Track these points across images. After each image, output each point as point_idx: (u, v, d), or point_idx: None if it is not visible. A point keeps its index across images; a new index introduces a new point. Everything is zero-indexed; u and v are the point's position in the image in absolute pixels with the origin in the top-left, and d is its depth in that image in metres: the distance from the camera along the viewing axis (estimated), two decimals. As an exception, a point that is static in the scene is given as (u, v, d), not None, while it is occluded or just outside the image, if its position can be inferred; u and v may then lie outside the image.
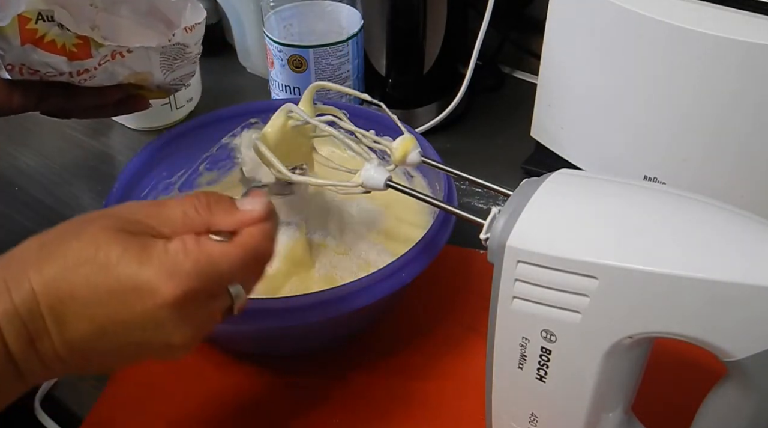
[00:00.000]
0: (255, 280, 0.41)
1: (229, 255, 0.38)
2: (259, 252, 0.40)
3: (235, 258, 0.38)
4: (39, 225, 0.70)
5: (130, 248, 0.36)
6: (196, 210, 0.39)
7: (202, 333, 0.39)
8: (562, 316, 0.38)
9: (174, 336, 0.37)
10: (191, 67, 0.61)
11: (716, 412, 0.39)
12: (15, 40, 0.50)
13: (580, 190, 0.40)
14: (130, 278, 0.36)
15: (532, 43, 0.88)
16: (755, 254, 0.35)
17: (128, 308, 0.36)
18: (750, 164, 0.56)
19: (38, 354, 0.35)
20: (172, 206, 0.39)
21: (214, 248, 0.38)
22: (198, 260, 0.37)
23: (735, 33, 0.52)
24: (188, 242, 0.37)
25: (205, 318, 0.39)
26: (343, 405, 0.53)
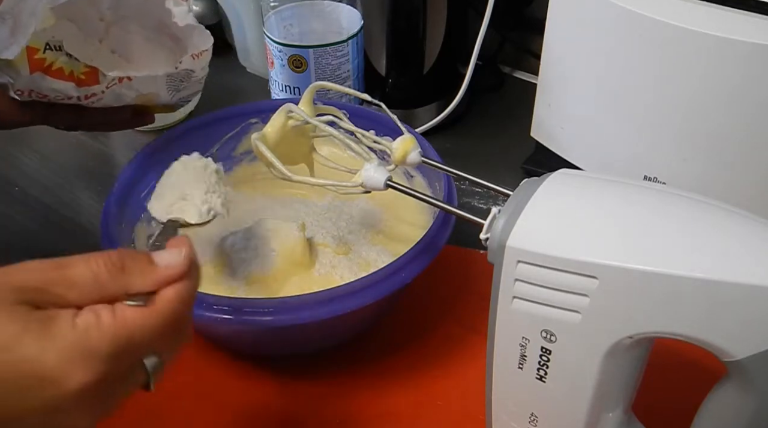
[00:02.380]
0: (174, 348, 0.37)
1: (146, 324, 0.34)
2: (179, 318, 0.36)
3: (153, 327, 0.34)
4: (39, 225, 0.71)
5: (29, 326, 0.31)
6: (109, 273, 0.34)
7: (112, 411, 0.35)
8: (562, 316, 0.38)
9: (80, 423, 0.33)
10: (197, 86, 0.61)
11: (716, 412, 0.39)
12: (24, 69, 0.50)
13: (580, 190, 0.40)
14: (30, 364, 0.31)
15: (532, 43, 0.88)
16: (755, 254, 0.35)
17: (26, 398, 0.31)
18: (750, 164, 0.56)
19: None
20: (79, 268, 0.34)
21: (130, 317, 0.33)
22: (116, 337, 0.32)
23: (735, 33, 0.52)
24: (102, 314, 0.33)
25: (117, 398, 0.35)
26: (343, 405, 0.53)
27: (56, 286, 0.33)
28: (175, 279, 0.36)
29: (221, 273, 0.59)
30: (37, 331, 0.31)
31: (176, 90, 0.59)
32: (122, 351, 0.33)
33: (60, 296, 0.33)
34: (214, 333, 0.57)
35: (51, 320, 0.32)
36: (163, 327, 0.35)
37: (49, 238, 0.69)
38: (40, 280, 0.33)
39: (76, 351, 0.31)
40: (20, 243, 0.69)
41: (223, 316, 0.48)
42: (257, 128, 0.65)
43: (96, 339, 0.32)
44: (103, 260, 0.34)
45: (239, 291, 0.57)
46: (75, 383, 0.31)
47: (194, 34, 0.58)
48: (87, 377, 0.32)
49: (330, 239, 0.61)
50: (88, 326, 0.32)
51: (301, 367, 0.56)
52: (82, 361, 0.31)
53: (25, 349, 0.31)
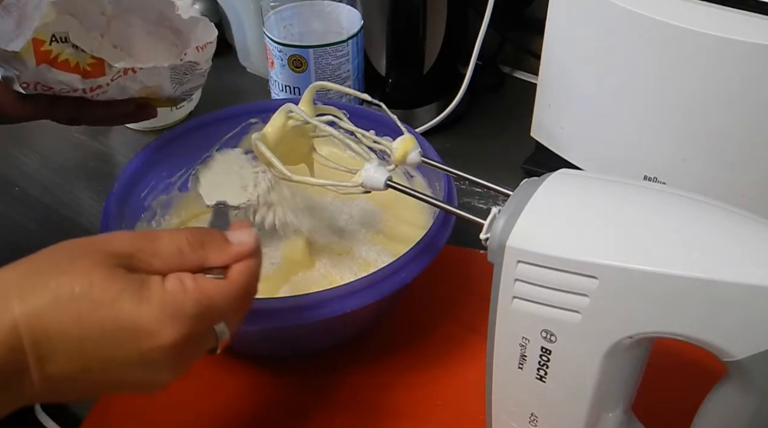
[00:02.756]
0: (240, 318, 0.41)
1: (225, 294, 0.38)
2: (249, 289, 0.40)
3: (229, 297, 0.38)
4: (39, 225, 0.71)
5: (127, 286, 0.35)
6: (191, 247, 0.38)
7: (187, 371, 0.38)
8: (562, 316, 0.38)
9: (163, 376, 0.37)
10: (200, 80, 0.61)
11: (716, 412, 0.39)
12: (30, 61, 0.50)
13: (580, 190, 0.40)
14: (129, 319, 0.34)
15: (532, 43, 0.88)
16: (755, 254, 0.35)
17: (122, 348, 0.35)
18: (750, 164, 0.56)
19: (14, 387, 0.34)
20: (165, 242, 0.38)
21: (211, 287, 0.37)
22: (199, 302, 0.36)
23: (735, 33, 0.52)
24: (186, 281, 0.37)
25: (193, 358, 0.38)
26: (343, 405, 0.53)
27: (145, 254, 0.37)
28: (246, 256, 0.40)
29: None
30: (134, 291, 0.35)
31: (180, 83, 0.59)
32: (203, 314, 0.36)
33: (148, 263, 0.37)
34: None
35: (144, 282, 0.36)
36: (235, 297, 0.38)
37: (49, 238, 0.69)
38: (133, 247, 0.37)
39: (168, 310, 0.35)
40: (20, 243, 0.69)
41: (223, 316, 0.48)
42: (257, 128, 0.65)
43: (183, 302, 0.36)
44: (185, 235, 0.39)
45: (239, 291, 0.57)
46: (166, 338, 0.35)
47: (198, 26, 0.58)
48: (175, 334, 0.35)
49: (330, 239, 0.61)
50: (175, 290, 0.36)
51: (301, 367, 0.56)
52: (173, 319, 0.35)
53: (125, 305, 0.34)
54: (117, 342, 0.35)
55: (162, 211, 0.63)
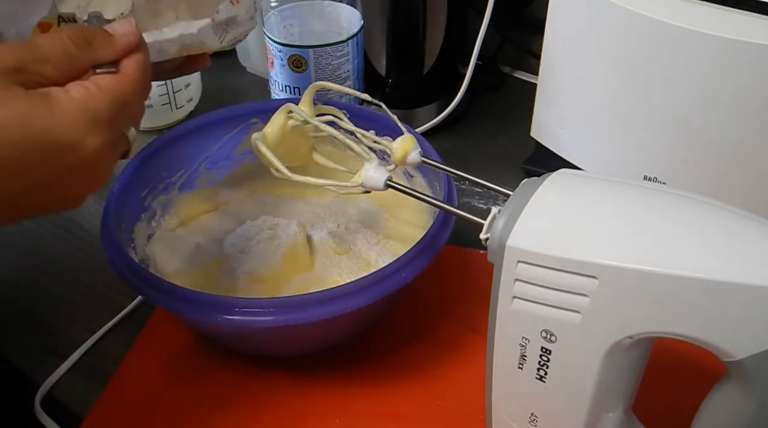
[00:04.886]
0: (141, 115, 0.40)
1: (128, 90, 0.37)
2: (145, 83, 0.39)
3: (132, 92, 0.37)
4: (39, 225, 0.71)
5: (34, 102, 0.34)
6: (77, 47, 0.37)
7: (106, 180, 0.38)
8: (562, 316, 0.38)
9: (89, 187, 0.37)
10: (249, 24, 0.58)
11: (716, 412, 0.39)
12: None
13: (580, 190, 0.41)
14: (49, 134, 0.34)
15: (532, 43, 0.88)
16: (755, 254, 0.35)
17: (48, 165, 0.34)
18: (750, 164, 0.56)
19: None
20: (49, 46, 0.36)
21: (113, 85, 0.36)
22: (111, 103, 0.36)
23: (736, 33, 0.52)
24: (89, 86, 0.36)
25: (112, 165, 0.38)
26: (343, 405, 0.53)
27: (33, 64, 0.35)
28: (133, 48, 0.38)
29: (221, 273, 0.59)
30: (43, 106, 0.34)
31: (225, 32, 0.56)
32: (117, 116, 0.36)
33: (39, 73, 0.35)
34: (214, 332, 0.57)
35: (48, 95, 0.34)
36: (136, 91, 0.38)
37: (49, 238, 0.69)
38: (18, 60, 0.35)
39: (84, 119, 0.34)
40: (20, 243, 0.69)
41: (224, 316, 0.48)
42: (257, 128, 0.65)
43: (96, 107, 0.35)
44: (68, 36, 0.37)
45: (239, 291, 0.57)
46: (90, 147, 0.35)
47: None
48: (98, 140, 0.35)
49: (330, 239, 0.61)
50: (83, 97, 0.35)
51: (302, 367, 0.56)
52: (91, 127, 0.35)
53: (40, 121, 0.33)
54: (41, 160, 0.34)
55: (162, 211, 0.63)
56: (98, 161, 0.35)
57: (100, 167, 0.36)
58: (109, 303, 0.62)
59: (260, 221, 0.60)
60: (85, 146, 0.34)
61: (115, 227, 0.55)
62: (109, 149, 0.36)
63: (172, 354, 0.58)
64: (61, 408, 0.55)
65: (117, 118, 0.36)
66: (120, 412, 0.54)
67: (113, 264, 0.52)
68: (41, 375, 0.56)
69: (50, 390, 0.56)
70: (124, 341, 0.59)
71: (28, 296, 0.64)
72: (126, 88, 0.37)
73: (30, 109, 0.33)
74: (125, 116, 0.37)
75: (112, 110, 0.36)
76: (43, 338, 0.60)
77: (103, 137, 0.35)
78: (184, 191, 0.65)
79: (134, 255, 0.57)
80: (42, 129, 0.33)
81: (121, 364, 0.57)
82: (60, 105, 0.34)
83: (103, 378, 0.56)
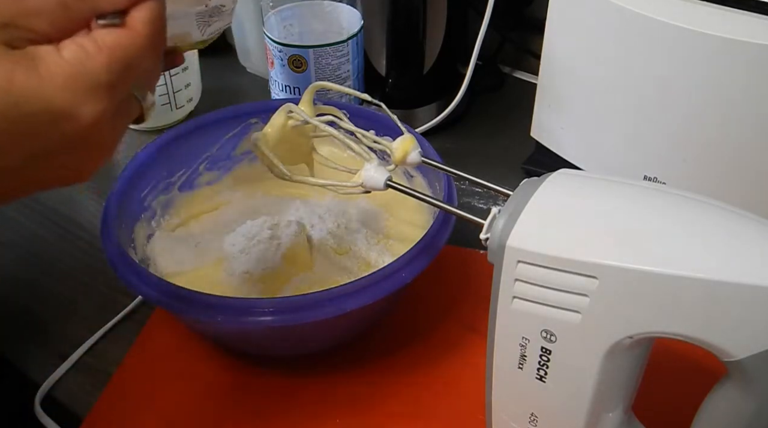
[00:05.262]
0: (156, 74, 0.36)
1: (132, 46, 0.32)
2: (157, 40, 0.33)
3: (139, 49, 0.32)
4: (39, 225, 0.71)
5: (17, 64, 0.29)
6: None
7: (114, 150, 0.34)
8: (562, 316, 0.38)
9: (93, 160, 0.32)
10: (227, 18, 0.58)
11: (716, 412, 0.39)
12: None
13: (580, 190, 0.40)
14: (34, 102, 0.29)
15: (532, 43, 0.88)
16: (755, 254, 0.35)
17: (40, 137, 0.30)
18: (750, 164, 0.56)
19: None
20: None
21: (117, 43, 0.31)
22: (110, 65, 0.31)
23: (736, 33, 0.52)
24: (86, 44, 0.31)
25: (120, 133, 0.34)
26: (343, 405, 0.53)
27: (21, 18, 0.30)
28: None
29: (221, 273, 0.59)
30: (27, 68, 0.29)
31: (207, 25, 0.57)
32: (119, 78, 0.31)
33: (29, 29, 0.30)
34: (214, 332, 0.57)
35: (36, 56, 0.30)
36: (145, 47, 0.32)
37: (49, 238, 0.69)
38: (3, 15, 0.30)
39: (78, 83, 0.30)
40: (20, 243, 0.69)
41: (224, 316, 0.48)
42: (257, 128, 0.65)
43: (92, 69, 0.30)
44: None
45: (239, 291, 0.57)
46: (87, 115, 0.30)
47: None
48: (96, 107, 0.31)
49: (330, 239, 0.61)
50: (77, 57, 0.30)
51: (302, 367, 0.56)
52: (87, 92, 0.30)
53: (23, 87, 0.29)
54: (32, 130, 0.30)
55: (162, 211, 0.63)
56: (99, 130, 0.31)
57: (104, 136, 0.32)
58: (109, 303, 0.62)
59: (260, 221, 0.60)
60: (81, 114, 0.30)
61: (115, 227, 0.55)
62: (113, 116, 0.32)
63: (172, 354, 0.58)
64: (61, 408, 0.55)
65: (120, 80, 0.31)
66: (120, 412, 0.54)
67: (113, 264, 0.52)
68: (41, 375, 0.56)
69: (50, 390, 0.56)
70: (124, 341, 0.59)
71: (28, 296, 0.64)
72: (131, 45, 0.32)
73: (10, 72, 0.29)
74: (130, 78, 0.32)
75: (112, 71, 0.31)
76: (43, 338, 0.60)
77: (102, 104, 0.30)
78: (184, 191, 0.65)
79: (134, 255, 0.57)
80: (27, 95, 0.29)
81: (121, 364, 0.57)
82: (49, 66, 0.30)
83: (103, 378, 0.56)
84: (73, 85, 0.30)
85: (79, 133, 0.30)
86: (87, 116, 0.30)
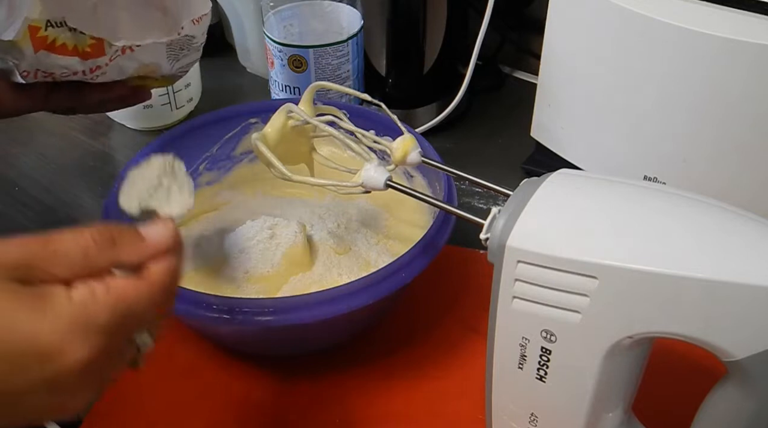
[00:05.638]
0: (159, 324, 0.37)
1: (141, 296, 0.33)
2: (169, 292, 0.36)
3: (147, 299, 0.34)
4: (39, 225, 0.71)
5: (23, 303, 0.30)
6: (98, 247, 0.34)
7: (102, 391, 0.34)
8: (562, 316, 0.38)
9: (75, 400, 0.32)
10: (195, 54, 0.61)
11: (716, 412, 0.39)
12: (28, 49, 0.50)
13: (580, 190, 0.40)
14: (28, 341, 0.30)
15: (532, 43, 0.88)
16: (755, 254, 0.35)
17: (23, 374, 0.30)
18: (750, 164, 0.56)
19: None
20: (67, 244, 0.33)
21: (127, 290, 0.33)
22: (114, 309, 0.32)
23: (736, 33, 0.52)
24: (97, 288, 0.32)
25: (110, 376, 0.34)
26: (343, 405, 0.53)
27: (44, 262, 0.32)
28: (163, 253, 0.35)
29: (221, 273, 0.59)
30: (31, 307, 0.31)
31: (176, 59, 0.59)
32: (119, 324, 0.32)
33: (48, 272, 0.32)
34: (214, 332, 0.57)
35: (44, 295, 0.31)
36: (154, 300, 0.34)
37: (49, 238, 0.69)
38: (28, 255, 0.32)
39: (75, 325, 0.31)
40: None
41: (224, 316, 0.48)
42: (257, 128, 0.65)
43: (94, 313, 0.32)
44: (92, 235, 0.34)
45: (239, 291, 0.57)
46: (74, 358, 0.31)
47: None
48: (86, 351, 0.31)
49: (330, 239, 0.61)
50: (84, 300, 0.32)
51: (301, 367, 0.56)
52: (81, 335, 0.31)
53: (21, 325, 0.30)
54: (19, 368, 0.30)
55: (162, 211, 0.63)
56: (87, 372, 0.31)
57: (90, 378, 0.32)
58: (109, 303, 0.61)
59: (260, 221, 0.60)
60: (67, 354, 0.30)
61: (115, 227, 0.55)
62: (103, 360, 0.32)
63: (172, 354, 0.58)
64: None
65: (120, 326, 0.32)
66: (120, 412, 0.54)
67: (113, 264, 0.52)
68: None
69: (50, 390, 0.56)
70: (124, 341, 0.58)
71: (28, 297, 0.63)
72: (140, 295, 0.33)
73: (14, 310, 0.30)
74: (132, 325, 0.34)
75: (114, 316, 0.32)
76: (43, 338, 0.60)
77: (91, 346, 0.31)
78: (184, 191, 0.65)
79: (134, 255, 0.57)
80: (20, 333, 0.30)
81: (121, 364, 0.56)
82: (55, 308, 0.31)
83: (103, 378, 0.56)
84: (68, 326, 0.31)
85: (63, 374, 0.31)
86: (73, 358, 0.31)
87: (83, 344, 0.31)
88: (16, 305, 0.30)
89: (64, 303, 0.31)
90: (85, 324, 0.31)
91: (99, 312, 0.32)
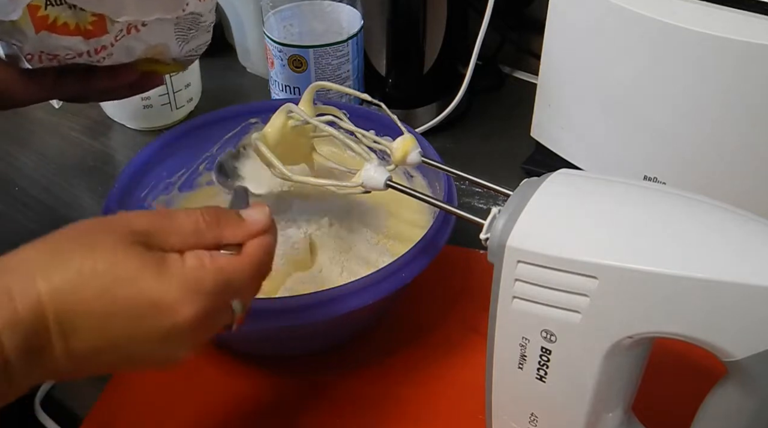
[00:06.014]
0: (254, 294, 0.42)
1: (241, 270, 0.39)
2: (264, 265, 0.41)
3: (245, 272, 0.39)
4: (39, 225, 0.71)
5: (147, 263, 0.36)
6: (207, 225, 0.39)
7: (200, 348, 0.39)
8: (562, 316, 0.38)
9: (181, 352, 0.37)
10: (206, 36, 0.60)
11: (716, 412, 0.39)
12: (29, 30, 0.49)
13: (580, 190, 0.40)
14: (149, 294, 0.35)
15: (532, 43, 0.88)
16: (755, 254, 0.35)
17: (144, 324, 0.35)
18: (750, 164, 0.56)
19: (37, 365, 0.34)
20: (181, 220, 0.39)
21: (228, 263, 0.38)
22: (217, 278, 0.37)
23: (735, 33, 0.52)
24: (204, 258, 0.37)
25: (209, 334, 0.39)
26: (343, 405, 0.53)
27: (164, 232, 0.38)
28: (260, 232, 0.41)
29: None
30: (154, 268, 0.36)
31: (185, 40, 0.57)
32: (221, 291, 0.37)
33: (165, 241, 0.37)
34: (214, 332, 0.57)
35: (163, 260, 0.36)
36: (251, 273, 0.39)
37: (49, 238, 0.69)
38: (151, 225, 0.38)
39: (188, 286, 0.36)
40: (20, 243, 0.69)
41: (223, 316, 0.48)
42: (257, 128, 0.65)
43: (202, 278, 0.37)
44: (202, 214, 0.39)
45: (239, 291, 0.56)
46: (186, 314, 0.36)
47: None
48: (194, 310, 0.36)
49: (330, 239, 0.61)
50: (194, 266, 0.37)
51: (301, 367, 0.56)
52: (192, 295, 0.36)
53: (147, 282, 0.35)
54: (139, 318, 0.35)
55: (162, 211, 0.63)
56: (194, 328, 0.36)
57: (194, 334, 0.37)
58: (109, 303, 0.61)
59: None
60: (180, 310, 0.36)
61: (115, 227, 0.55)
62: (207, 320, 0.37)
63: (172, 354, 0.58)
64: (61, 408, 0.55)
65: (221, 293, 0.37)
66: (120, 412, 0.54)
67: (113, 264, 0.52)
68: (41, 375, 0.56)
69: (50, 390, 0.56)
70: (124, 341, 0.58)
71: (28, 296, 0.63)
72: (239, 269, 0.39)
73: (141, 268, 0.35)
74: (230, 293, 0.38)
75: (217, 283, 0.37)
76: (43, 338, 0.60)
77: (199, 306, 0.36)
78: (184, 191, 0.65)
79: (134, 255, 0.57)
80: (145, 289, 0.35)
81: (121, 364, 0.56)
82: (170, 269, 0.36)
83: (103, 378, 0.56)
84: (183, 287, 0.36)
85: (176, 327, 0.36)
86: (185, 314, 0.36)
87: (192, 304, 0.36)
88: (141, 264, 0.35)
89: (179, 267, 0.36)
90: (195, 287, 0.36)
91: (206, 278, 0.37)
